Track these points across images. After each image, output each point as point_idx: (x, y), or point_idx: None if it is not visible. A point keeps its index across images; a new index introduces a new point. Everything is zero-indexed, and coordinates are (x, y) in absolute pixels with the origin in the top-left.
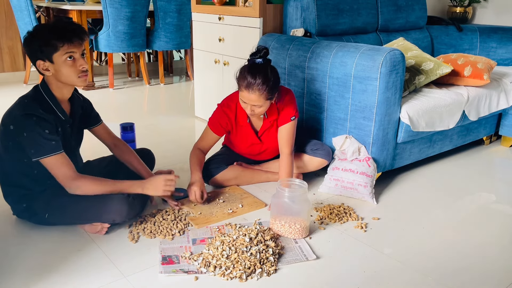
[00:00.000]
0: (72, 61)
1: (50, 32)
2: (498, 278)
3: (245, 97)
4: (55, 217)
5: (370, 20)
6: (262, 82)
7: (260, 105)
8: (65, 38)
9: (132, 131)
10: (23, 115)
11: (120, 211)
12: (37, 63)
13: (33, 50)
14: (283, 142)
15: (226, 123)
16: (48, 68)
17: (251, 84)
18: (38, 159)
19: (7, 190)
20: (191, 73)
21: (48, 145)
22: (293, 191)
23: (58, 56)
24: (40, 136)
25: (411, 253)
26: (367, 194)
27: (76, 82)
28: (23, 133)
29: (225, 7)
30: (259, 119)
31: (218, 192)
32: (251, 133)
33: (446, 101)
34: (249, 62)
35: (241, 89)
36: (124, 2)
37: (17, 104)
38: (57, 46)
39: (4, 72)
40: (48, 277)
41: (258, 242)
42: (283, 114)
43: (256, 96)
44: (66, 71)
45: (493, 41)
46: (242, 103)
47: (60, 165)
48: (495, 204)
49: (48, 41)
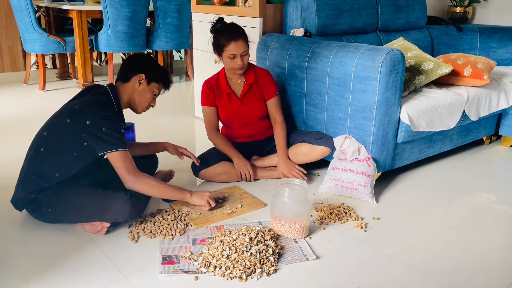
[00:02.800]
0: (154, 97)
1: (165, 72)
2: (498, 278)
3: (233, 49)
4: (57, 213)
5: (370, 20)
6: (238, 29)
7: (246, 51)
8: (167, 84)
9: (132, 131)
10: (104, 112)
11: (123, 210)
12: (140, 74)
13: (148, 66)
14: (274, 111)
15: (212, 90)
16: (141, 83)
17: (235, 34)
18: (108, 151)
19: (30, 177)
20: (191, 73)
21: (122, 140)
22: (293, 191)
23: (154, 86)
24: (117, 132)
25: (411, 253)
26: (367, 194)
27: (139, 108)
28: (102, 128)
29: (225, 7)
30: (239, 85)
31: (218, 192)
32: (233, 98)
33: (446, 101)
34: (216, 28)
35: (227, 44)
36: (124, 2)
37: (93, 102)
38: (160, 82)
39: (4, 72)
40: (48, 277)
41: (258, 242)
42: (267, 89)
43: (242, 42)
44: (147, 97)
45: (493, 41)
46: (230, 61)
47: (127, 159)
48: (495, 204)
49: (161, 74)
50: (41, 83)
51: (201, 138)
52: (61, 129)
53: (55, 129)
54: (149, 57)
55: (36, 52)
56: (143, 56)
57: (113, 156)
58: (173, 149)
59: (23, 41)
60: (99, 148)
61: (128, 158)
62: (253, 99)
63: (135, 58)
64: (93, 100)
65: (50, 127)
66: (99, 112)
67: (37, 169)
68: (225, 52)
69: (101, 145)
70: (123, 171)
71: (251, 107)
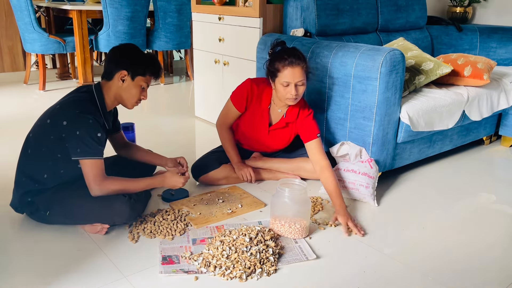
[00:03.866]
0: (142, 89)
1: (149, 61)
2: (498, 278)
3: (289, 75)
4: (55, 215)
5: (370, 20)
6: (301, 56)
7: (303, 81)
8: (155, 73)
9: (132, 131)
10: (81, 113)
11: (121, 212)
12: (121, 71)
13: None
14: (317, 154)
15: (250, 96)
16: (124, 80)
17: (293, 60)
18: (80, 158)
19: (21, 179)
20: (191, 73)
21: (95, 148)
22: (293, 191)
23: (140, 80)
24: (91, 138)
25: (411, 253)
26: (369, 195)
27: (129, 104)
28: (76, 131)
29: (225, 7)
30: (278, 114)
31: (218, 192)
32: (264, 121)
33: (446, 101)
34: (276, 50)
35: (283, 69)
36: (124, 2)
37: (72, 102)
38: (146, 73)
39: (4, 72)
40: (48, 277)
41: (258, 242)
42: (307, 130)
43: (300, 70)
44: (134, 92)
45: (493, 41)
46: (283, 89)
47: (95, 168)
48: (495, 204)
49: (144, 65)
50: (41, 83)
51: (201, 138)
52: (43, 130)
53: (38, 130)
54: (130, 49)
55: (36, 52)
56: (123, 48)
57: (83, 163)
58: (171, 162)
59: (23, 41)
60: (71, 152)
61: (96, 166)
62: (282, 135)
63: (115, 53)
64: (73, 100)
65: (34, 128)
66: (76, 113)
67: (26, 171)
68: (278, 78)
69: (73, 150)
70: (89, 179)
71: (274, 141)
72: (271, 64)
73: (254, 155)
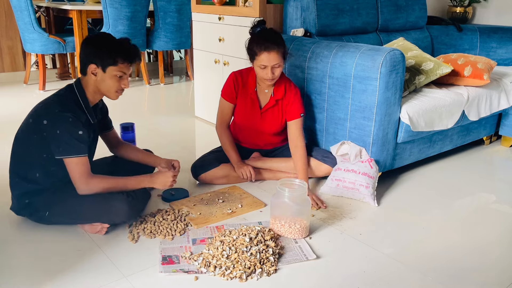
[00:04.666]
0: (120, 78)
1: (117, 47)
2: (498, 278)
3: (265, 60)
4: (55, 215)
5: (370, 20)
6: (275, 39)
7: (279, 63)
8: (127, 59)
9: (132, 131)
10: (61, 112)
11: (120, 212)
12: (90, 65)
13: (93, 53)
14: (296, 135)
15: (236, 86)
16: (96, 74)
17: (268, 44)
18: (62, 157)
19: (15, 181)
20: (191, 73)
21: (77, 146)
22: (293, 191)
23: (113, 70)
24: (72, 137)
25: (411, 253)
26: (368, 195)
27: (111, 96)
28: (56, 130)
29: (225, 7)
30: (266, 95)
31: (218, 192)
32: (255, 105)
33: (446, 101)
34: (255, 31)
35: (259, 54)
36: (124, 2)
37: (53, 100)
38: (117, 62)
39: (4, 72)
40: (48, 277)
41: (258, 242)
42: (293, 108)
43: (276, 54)
44: (110, 83)
45: (493, 41)
46: (260, 71)
47: (80, 166)
48: (495, 204)
49: (112, 53)
50: (41, 83)
51: (201, 138)
52: (26, 129)
53: (23, 130)
54: (96, 39)
55: (36, 52)
56: (90, 40)
57: (67, 162)
58: (165, 162)
59: (23, 41)
60: (54, 152)
61: (81, 164)
62: (274, 115)
63: (82, 46)
64: (53, 98)
65: (20, 128)
66: (55, 112)
67: (18, 172)
68: (256, 61)
69: (55, 149)
70: (74, 178)
71: (269, 123)
72: (250, 46)
73: (253, 155)
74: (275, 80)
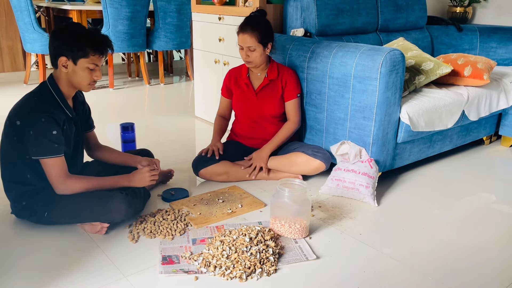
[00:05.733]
0: (92, 70)
1: (87, 39)
2: (498, 278)
3: (240, 40)
4: (53, 215)
5: (370, 20)
6: (252, 24)
7: (254, 47)
8: (98, 50)
9: (132, 131)
10: (32, 112)
11: (118, 209)
12: (60, 58)
13: (62, 45)
14: (292, 112)
15: (230, 79)
16: (67, 66)
17: (243, 26)
18: (38, 158)
19: (8, 185)
20: (191, 73)
21: (51, 146)
22: (293, 191)
23: (84, 62)
24: (45, 137)
25: (411, 253)
26: (368, 195)
27: (84, 88)
28: (30, 131)
29: (225, 7)
30: (259, 78)
31: (218, 192)
32: (250, 89)
33: (446, 101)
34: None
35: (238, 34)
36: (124, 2)
37: (25, 100)
38: (88, 54)
39: (4, 72)
40: (48, 277)
41: (258, 242)
42: (289, 89)
43: (249, 36)
44: (82, 76)
45: (493, 41)
46: (240, 51)
47: (56, 166)
48: (495, 204)
49: (82, 45)
50: None
51: (201, 138)
52: (5, 132)
53: (4, 132)
54: (64, 31)
55: (36, 52)
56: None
57: (43, 163)
58: (145, 161)
59: (23, 41)
60: (30, 153)
61: (56, 165)
62: (270, 95)
63: (50, 38)
64: (26, 98)
65: (3, 130)
66: (27, 112)
67: (8, 175)
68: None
69: (30, 150)
70: (51, 179)
71: (266, 102)
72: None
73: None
74: (253, 65)
